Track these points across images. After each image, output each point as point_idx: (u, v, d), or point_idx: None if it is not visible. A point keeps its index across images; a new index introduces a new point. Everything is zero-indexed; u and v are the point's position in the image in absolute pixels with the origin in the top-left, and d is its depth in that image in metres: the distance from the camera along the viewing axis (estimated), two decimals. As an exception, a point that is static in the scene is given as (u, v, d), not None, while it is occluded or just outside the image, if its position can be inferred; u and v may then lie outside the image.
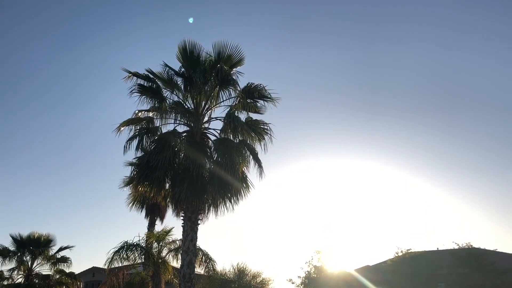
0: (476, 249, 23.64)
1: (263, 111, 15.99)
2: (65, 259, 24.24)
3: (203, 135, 15.79)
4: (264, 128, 15.64)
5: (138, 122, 15.73)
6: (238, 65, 15.59)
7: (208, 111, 15.97)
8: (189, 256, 14.25)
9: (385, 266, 25.42)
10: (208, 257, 17.13)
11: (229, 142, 15.05)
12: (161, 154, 13.74)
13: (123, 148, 15.11)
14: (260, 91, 15.26)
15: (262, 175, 15.46)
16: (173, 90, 15.75)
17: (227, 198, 14.67)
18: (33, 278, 23.48)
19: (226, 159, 14.10)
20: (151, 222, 23.73)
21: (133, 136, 15.30)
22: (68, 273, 24.21)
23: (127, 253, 16.22)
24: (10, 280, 23.17)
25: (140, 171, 14.40)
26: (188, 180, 13.85)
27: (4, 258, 22.95)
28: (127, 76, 15.19)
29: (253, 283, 28.65)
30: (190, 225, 14.57)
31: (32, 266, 23.79)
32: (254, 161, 15.57)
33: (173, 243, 17.85)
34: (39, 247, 23.83)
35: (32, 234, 23.94)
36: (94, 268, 39.59)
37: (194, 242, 14.52)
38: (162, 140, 14.68)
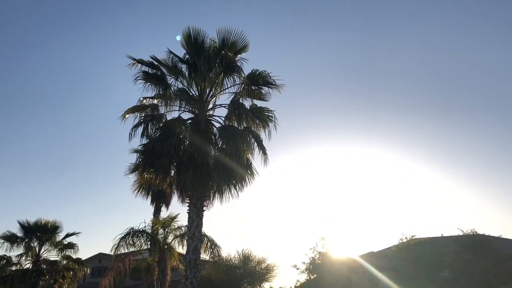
0: (480, 235, 23.65)
1: (268, 98, 15.97)
2: (72, 245, 24.50)
3: (208, 122, 15.80)
4: (269, 115, 15.61)
5: (143, 109, 15.76)
6: (242, 52, 15.51)
7: (212, 98, 15.97)
8: (195, 242, 14.36)
9: (390, 253, 25.52)
10: (213, 243, 17.26)
11: (233, 129, 15.07)
12: (166, 141, 13.78)
13: (129, 135, 15.18)
14: (265, 77, 15.21)
15: (266, 162, 15.50)
16: (178, 77, 15.73)
17: (232, 185, 14.73)
18: (41, 264, 23.77)
19: (231, 146, 14.15)
20: (157, 208, 23.89)
21: (138, 123, 15.33)
22: (75, 259, 24.48)
23: (133, 239, 16.37)
24: (18, 265, 23.49)
25: (146, 158, 14.47)
26: (193, 167, 13.91)
27: (12, 244, 23.22)
28: (131, 63, 15.16)
29: (258, 269, 28.95)
30: (195, 212, 14.67)
31: (40, 252, 24.07)
32: (259, 148, 15.59)
33: (178, 229, 17.99)
34: (46, 234, 24.06)
35: (39, 221, 24.17)
36: (101, 254, 40.01)
37: (200, 228, 14.63)
38: (167, 127, 14.72)
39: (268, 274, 29.39)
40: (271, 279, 29.97)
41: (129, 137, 15.19)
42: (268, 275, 29.38)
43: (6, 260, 23.13)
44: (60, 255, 24.33)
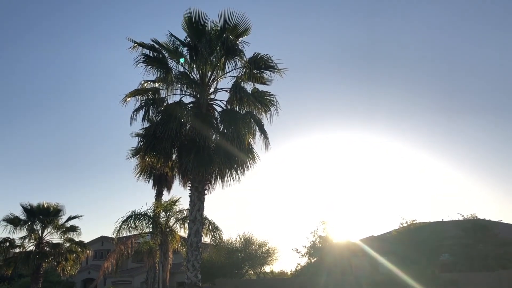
0: (480, 220, 23.77)
1: (269, 82, 15.88)
2: (74, 228, 24.64)
3: (209, 106, 15.75)
4: (270, 99, 15.54)
5: (144, 92, 15.70)
6: (244, 35, 15.35)
7: (214, 81, 15.88)
8: (196, 225, 14.46)
9: (390, 237, 25.66)
10: (214, 227, 17.36)
11: (235, 113, 15.02)
12: (168, 125, 13.76)
13: (130, 119, 15.14)
14: (267, 61, 15.10)
15: (268, 146, 15.48)
16: (179, 61, 15.63)
17: (233, 169, 14.74)
18: (44, 246, 23.95)
19: (232, 130, 14.12)
20: (159, 192, 23.98)
21: (139, 106, 15.28)
22: (77, 242, 24.65)
23: (135, 222, 16.46)
24: (21, 247, 23.69)
25: (147, 142, 14.47)
26: (194, 151, 13.92)
27: (15, 227, 23.37)
28: (132, 46, 15.06)
29: (259, 253, 29.17)
30: (197, 195, 14.73)
31: (43, 235, 24.23)
32: (260, 133, 15.56)
33: (180, 213, 18.08)
34: (49, 217, 24.19)
35: (41, 204, 24.27)
36: (103, 237, 40.35)
37: (201, 211, 14.71)
38: (168, 111, 14.68)
39: (269, 258, 29.64)
40: (272, 262, 30.26)
41: (130, 121, 15.17)
42: (269, 258, 29.63)
43: (9, 242, 23.31)
44: (62, 237, 24.49)
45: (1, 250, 22.97)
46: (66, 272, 24.20)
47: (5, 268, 22.98)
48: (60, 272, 24.58)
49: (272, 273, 34.00)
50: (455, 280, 14.74)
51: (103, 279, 31.78)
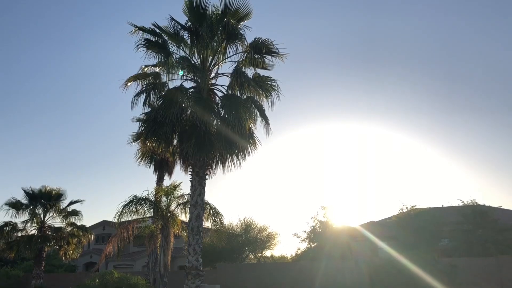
0: (480, 206, 23.84)
1: (271, 67, 15.77)
2: (76, 212, 24.81)
3: (210, 91, 15.70)
4: (272, 84, 15.47)
5: (145, 77, 15.65)
6: (245, 19, 15.23)
7: (215, 66, 15.81)
8: (197, 210, 14.54)
9: (390, 222, 25.79)
10: (215, 211, 17.43)
11: (236, 99, 14.97)
12: (168, 110, 13.74)
13: (131, 104, 15.14)
14: (268, 46, 14.99)
15: (269, 131, 15.48)
16: (180, 45, 15.53)
17: (234, 154, 14.75)
18: (46, 230, 24.16)
19: (233, 116, 14.08)
20: (160, 177, 24.04)
21: (140, 91, 15.26)
22: (79, 226, 24.86)
23: (136, 206, 16.51)
24: (24, 231, 23.90)
25: (148, 127, 14.47)
26: (195, 136, 13.92)
27: (18, 211, 23.55)
28: (133, 31, 14.99)
29: (260, 237, 29.35)
30: (198, 180, 14.78)
31: (45, 219, 24.42)
32: (261, 118, 15.54)
33: (181, 198, 18.12)
34: (51, 201, 24.36)
35: (43, 188, 24.42)
36: (105, 221, 40.58)
37: (202, 196, 14.78)
38: (168, 96, 14.66)
39: (270, 242, 29.81)
40: (272, 247, 30.44)
41: (131, 106, 15.17)
42: (269, 243, 29.80)
43: (12, 226, 23.52)
44: (64, 222, 24.70)
45: (4, 234, 23.20)
46: (68, 256, 24.44)
47: (8, 252, 23.22)
48: (62, 256, 24.85)
49: (273, 257, 34.25)
50: (454, 265, 14.86)
51: (104, 263, 32.06)
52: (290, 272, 19.76)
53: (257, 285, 19.56)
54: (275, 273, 19.94)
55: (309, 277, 18.65)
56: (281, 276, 19.52)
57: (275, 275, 19.77)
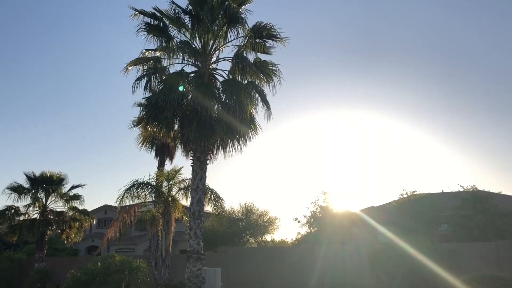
0: (480, 191, 23.92)
1: (272, 52, 15.66)
2: (77, 196, 24.93)
3: (211, 76, 15.65)
4: (273, 69, 15.40)
5: (146, 61, 15.58)
6: (246, 3, 15.10)
7: (216, 51, 15.73)
8: (198, 194, 14.61)
9: (390, 207, 25.90)
10: (216, 196, 17.51)
11: (237, 83, 14.94)
12: (169, 95, 13.71)
13: (131, 88, 15.09)
14: (269, 30, 14.89)
15: (270, 117, 15.45)
16: (180, 29, 15.43)
17: (235, 139, 14.77)
18: (48, 214, 24.31)
19: (234, 101, 14.06)
20: (161, 162, 24.08)
21: (141, 76, 15.21)
22: (81, 210, 25.00)
23: (138, 191, 16.58)
24: (26, 215, 24.06)
25: (149, 112, 14.45)
26: (196, 120, 13.91)
27: (20, 195, 23.67)
28: (133, 14, 14.89)
29: (260, 222, 29.57)
30: (199, 165, 14.82)
31: (46, 203, 24.55)
32: (262, 103, 15.51)
33: (182, 182, 18.19)
34: (52, 185, 24.45)
35: (44, 173, 24.49)
36: (106, 206, 40.83)
37: (203, 181, 14.83)
38: (169, 80, 14.61)
39: (270, 227, 30.04)
40: (273, 231, 30.69)
41: (132, 90, 15.12)
42: (270, 227, 30.04)
43: (14, 210, 23.66)
44: (66, 206, 24.84)
45: (6, 218, 23.36)
46: (70, 240, 24.64)
47: (10, 235, 23.41)
48: (64, 240, 25.04)
49: (273, 242, 34.55)
50: (453, 250, 14.99)
51: (106, 247, 32.37)
52: (290, 256, 19.92)
53: (257, 269, 19.75)
54: (276, 257, 20.11)
55: (309, 261, 18.82)
56: (282, 260, 19.70)
57: (276, 259, 19.94)
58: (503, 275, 11.71)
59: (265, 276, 19.32)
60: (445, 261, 13.76)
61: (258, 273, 19.55)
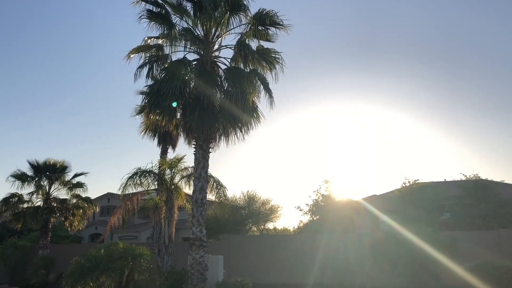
0: (483, 180, 23.92)
1: (275, 39, 15.57)
2: (80, 184, 25.02)
3: (213, 64, 15.58)
4: (276, 57, 15.32)
5: (148, 49, 15.51)
6: (249, -10, 14.98)
7: (218, 38, 15.64)
8: (201, 182, 14.63)
9: (392, 196, 25.95)
10: (219, 184, 17.54)
11: (239, 71, 14.86)
12: (171, 83, 13.66)
13: (134, 76, 15.07)
14: (272, 17, 14.78)
15: (272, 105, 15.41)
16: (183, 16, 15.33)
17: (238, 128, 14.74)
18: (51, 202, 24.43)
19: (237, 89, 14.00)
20: (163, 150, 24.10)
21: (143, 63, 15.16)
22: (84, 198, 25.11)
23: (141, 179, 16.62)
24: (30, 203, 24.19)
25: (151, 100, 14.41)
26: (199, 109, 13.88)
27: (23, 183, 23.77)
28: (135, 1, 14.84)
29: (262, 210, 29.66)
30: (201, 153, 14.83)
31: (50, 191, 24.66)
32: (265, 91, 15.45)
33: (185, 170, 18.22)
34: (55, 173, 24.53)
35: (48, 161, 24.56)
36: (109, 194, 41.01)
37: (206, 169, 14.85)
38: (171, 68, 14.55)
39: (272, 215, 30.14)
40: (275, 219, 30.80)
41: (134, 78, 15.09)
42: (272, 215, 30.13)
43: (18, 197, 23.78)
44: (69, 194, 24.94)
45: (10, 205, 23.49)
46: (74, 227, 24.80)
47: (14, 222, 23.57)
48: (68, 227, 25.21)
49: (275, 230, 34.68)
50: (455, 238, 15.04)
51: (110, 234, 32.56)
52: (292, 244, 20.04)
53: (259, 257, 19.88)
54: (278, 245, 20.23)
55: (311, 249, 18.92)
56: (284, 248, 19.81)
57: (278, 247, 20.06)
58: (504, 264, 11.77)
59: (267, 264, 19.45)
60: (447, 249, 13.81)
61: (260, 261, 19.69)
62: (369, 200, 27.83)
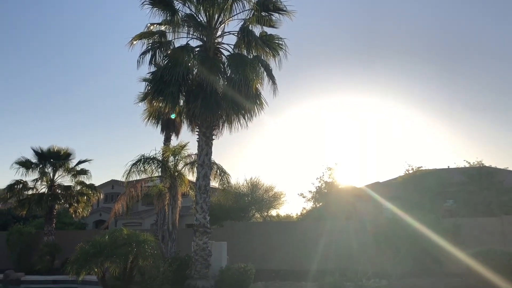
0: (486, 167, 23.86)
1: (278, 25, 15.46)
2: (84, 171, 25.15)
3: (216, 50, 15.50)
4: (279, 43, 15.23)
5: (150, 36, 15.44)
6: (251, -25, 14.83)
7: (221, 24, 15.52)
8: (204, 169, 14.66)
9: (395, 183, 25.95)
10: (222, 171, 17.59)
11: (242, 58, 14.78)
12: (174, 70, 13.62)
13: (137, 63, 15.04)
14: (275, 3, 14.67)
15: (276, 92, 15.36)
16: (185, 2, 15.19)
17: (241, 115, 14.74)
18: (55, 189, 24.58)
19: (240, 75, 13.93)
20: (167, 137, 24.15)
21: (145, 50, 15.11)
22: (88, 185, 25.26)
23: (144, 166, 16.69)
24: (34, 189, 24.35)
25: (154, 87, 14.38)
26: (202, 96, 13.86)
27: (28, 169, 23.90)
28: (138, -14, 14.69)
29: (266, 197, 29.77)
30: (205, 140, 14.83)
31: (54, 178, 24.80)
32: (268, 78, 15.39)
33: (188, 157, 18.26)
34: (59, 160, 24.65)
35: (52, 148, 24.66)
36: (113, 181, 41.21)
37: (209, 156, 14.87)
38: (174, 55, 14.49)
39: (275, 202, 30.24)
40: (278, 206, 30.91)
41: (137, 65, 15.06)
42: (275, 202, 30.24)
43: (22, 184, 23.95)
44: (73, 181, 25.09)
45: (15, 192, 23.68)
46: (78, 214, 24.99)
47: (19, 209, 23.76)
48: (72, 214, 25.40)
49: (278, 217, 34.82)
50: (458, 225, 15.06)
51: (114, 221, 32.81)
52: (295, 231, 20.13)
53: (263, 243, 20.00)
54: (281, 232, 20.33)
55: (314, 236, 19.00)
56: (287, 234, 19.91)
57: (281, 233, 20.17)
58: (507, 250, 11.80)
59: (271, 250, 19.57)
60: (450, 235, 13.84)
61: (263, 247, 19.82)
62: (372, 187, 27.85)
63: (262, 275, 16.14)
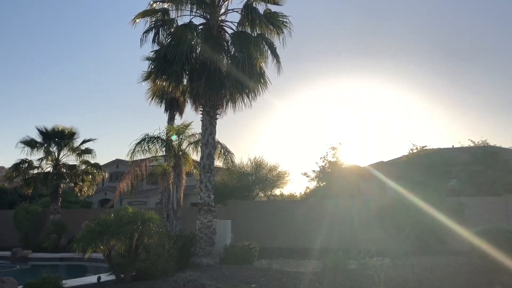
0: (491, 147, 23.79)
1: (282, 3, 15.28)
2: (89, 150, 25.22)
3: (220, 28, 15.33)
4: (283, 20, 15.01)
5: (153, 13, 15.25)
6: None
7: (225, 2, 15.32)
8: (208, 149, 14.68)
9: (399, 162, 25.95)
10: (226, 150, 17.57)
11: (246, 36, 14.64)
12: (178, 48, 13.52)
13: (140, 41, 14.91)
14: (280, -21, 14.46)
15: (280, 70, 15.22)
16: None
17: (245, 94, 14.68)
18: (60, 168, 24.71)
19: (244, 54, 13.82)
20: (171, 116, 24.06)
21: (148, 28, 14.97)
22: (93, 164, 25.37)
23: (149, 145, 16.69)
24: (39, 169, 24.51)
25: (157, 65, 14.31)
26: (205, 74, 13.77)
27: (32, 149, 24.00)
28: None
29: (270, 176, 29.86)
30: (208, 119, 14.80)
31: (59, 157, 24.90)
32: (272, 56, 15.23)
33: (192, 137, 18.22)
34: (64, 139, 24.71)
35: (56, 127, 24.69)
36: (118, 160, 41.40)
37: (213, 135, 14.87)
38: (178, 33, 14.36)
39: (279, 181, 30.33)
40: (282, 185, 31.02)
41: (140, 43, 14.95)
42: (279, 182, 30.33)
43: (28, 163, 24.09)
44: (78, 160, 25.19)
45: (21, 171, 23.85)
46: (83, 193, 25.15)
47: (25, 188, 23.96)
48: (77, 193, 25.57)
49: (282, 196, 34.97)
50: (462, 203, 15.08)
51: (119, 200, 33.00)
52: (299, 210, 20.22)
53: (267, 221, 20.14)
54: (285, 211, 20.45)
55: (318, 215, 19.09)
56: (290, 213, 20.02)
57: (285, 212, 20.28)
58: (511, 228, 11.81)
59: (274, 228, 19.72)
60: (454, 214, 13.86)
61: (267, 226, 19.95)
62: (376, 166, 27.85)
63: (266, 253, 16.30)
